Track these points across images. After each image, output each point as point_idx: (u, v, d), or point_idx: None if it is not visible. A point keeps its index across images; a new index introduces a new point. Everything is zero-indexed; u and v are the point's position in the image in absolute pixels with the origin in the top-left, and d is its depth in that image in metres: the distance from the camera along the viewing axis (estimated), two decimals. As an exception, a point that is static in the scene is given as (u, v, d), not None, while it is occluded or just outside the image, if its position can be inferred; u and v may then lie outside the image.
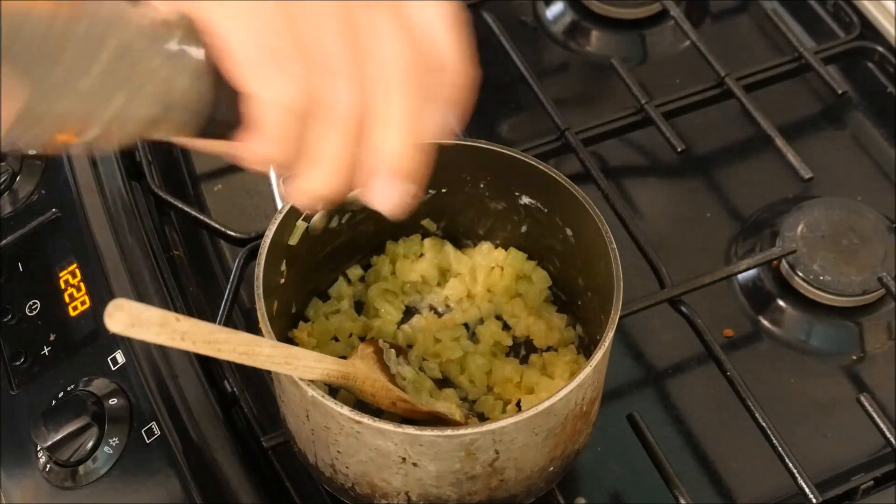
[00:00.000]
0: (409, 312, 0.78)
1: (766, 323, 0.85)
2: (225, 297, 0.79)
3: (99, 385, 0.73)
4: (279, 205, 0.68)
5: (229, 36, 0.50)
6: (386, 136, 0.52)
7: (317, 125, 0.51)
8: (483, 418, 0.73)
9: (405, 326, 0.76)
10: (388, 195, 0.53)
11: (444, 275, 0.78)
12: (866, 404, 0.76)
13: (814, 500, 0.71)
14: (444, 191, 0.75)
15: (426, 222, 0.78)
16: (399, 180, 0.53)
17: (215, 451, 0.71)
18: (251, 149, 0.52)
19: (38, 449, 0.71)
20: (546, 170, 0.70)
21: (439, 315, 0.77)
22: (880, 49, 0.98)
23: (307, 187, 0.53)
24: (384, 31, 0.52)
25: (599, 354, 0.61)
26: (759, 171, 0.94)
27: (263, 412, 0.75)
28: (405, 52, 0.52)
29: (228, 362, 0.66)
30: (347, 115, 0.51)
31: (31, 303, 0.78)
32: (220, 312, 0.77)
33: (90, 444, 0.70)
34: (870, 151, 0.96)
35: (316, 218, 0.69)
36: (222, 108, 0.51)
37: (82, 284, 0.77)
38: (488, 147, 0.71)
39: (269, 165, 0.54)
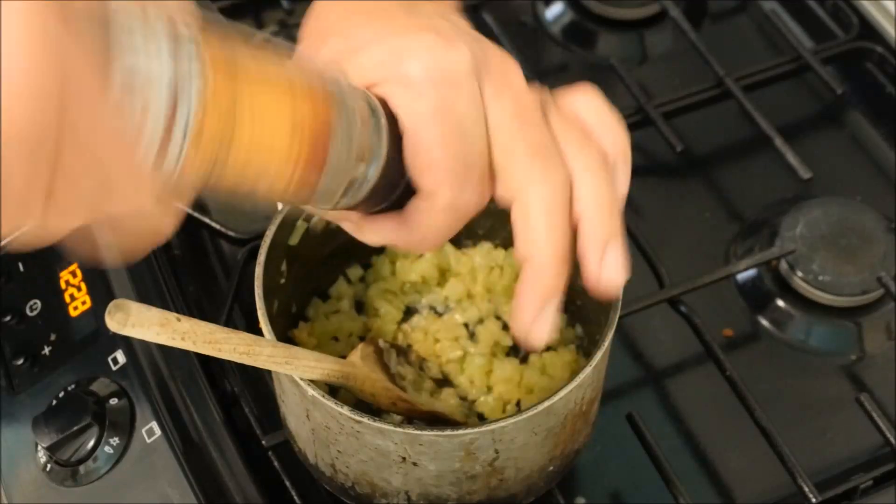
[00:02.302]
0: (409, 312, 0.78)
1: (765, 323, 0.85)
2: (227, 297, 0.79)
3: (99, 385, 0.73)
4: (279, 205, 0.68)
5: (425, 137, 0.51)
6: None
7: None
8: (483, 418, 0.73)
9: (405, 326, 0.77)
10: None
11: (443, 275, 0.78)
12: (866, 404, 0.76)
13: (813, 500, 0.71)
14: (443, 191, 0.75)
15: (426, 222, 0.78)
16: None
17: (215, 451, 0.71)
18: (394, 234, 0.55)
19: (39, 448, 0.71)
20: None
21: (439, 315, 0.78)
22: (879, 49, 0.98)
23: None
24: (569, 140, 0.55)
25: (599, 354, 0.61)
26: (759, 171, 0.94)
27: (263, 412, 0.75)
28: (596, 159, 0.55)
29: (228, 362, 0.66)
30: None
31: (31, 303, 0.78)
32: (223, 313, 0.78)
33: (91, 444, 0.70)
34: (869, 151, 0.96)
35: (316, 218, 0.69)
36: (376, 188, 0.52)
37: (83, 284, 0.77)
38: (488, 147, 0.71)
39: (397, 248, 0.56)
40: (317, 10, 0.57)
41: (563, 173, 0.54)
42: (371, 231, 0.56)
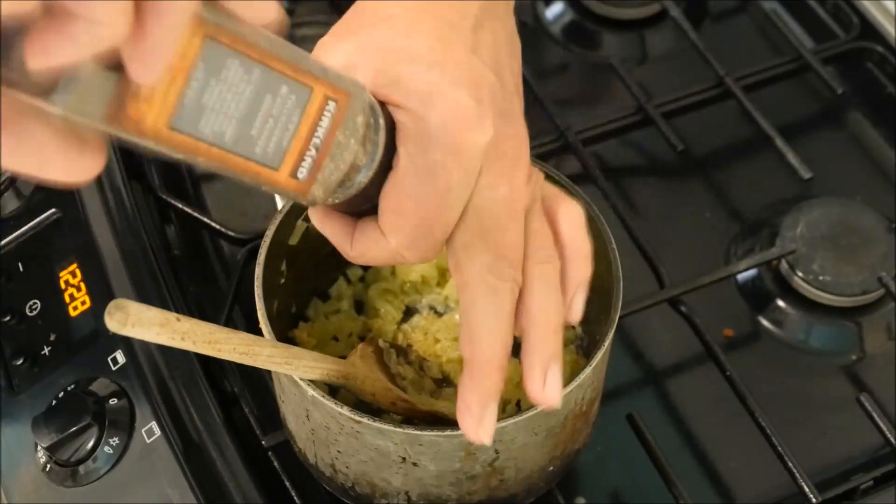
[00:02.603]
0: (409, 312, 0.78)
1: (765, 323, 0.85)
2: (227, 297, 0.79)
3: (99, 385, 0.73)
4: (279, 205, 0.68)
5: (411, 186, 0.52)
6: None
7: None
8: (483, 418, 0.73)
9: (405, 326, 0.77)
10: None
11: (443, 275, 0.78)
12: (866, 404, 0.76)
13: (813, 500, 0.71)
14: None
15: (426, 222, 0.78)
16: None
17: (215, 451, 0.71)
18: (338, 238, 0.56)
19: (39, 448, 0.71)
20: (546, 170, 0.70)
21: (439, 315, 0.78)
22: (880, 49, 0.98)
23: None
24: (537, 248, 0.56)
25: (599, 354, 0.61)
26: (759, 171, 0.94)
27: (263, 412, 0.75)
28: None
29: (228, 362, 0.66)
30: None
31: (31, 303, 0.78)
32: (223, 313, 0.78)
33: (90, 444, 0.70)
34: (869, 151, 0.96)
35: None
36: (370, 185, 0.52)
37: (82, 284, 0.77)
38: (488, 147, 0.71)
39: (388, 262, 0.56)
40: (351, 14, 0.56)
41: (514, 285, 0.55)
42: (328, 224, 0.56)
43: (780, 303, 0.85)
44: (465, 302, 0.55)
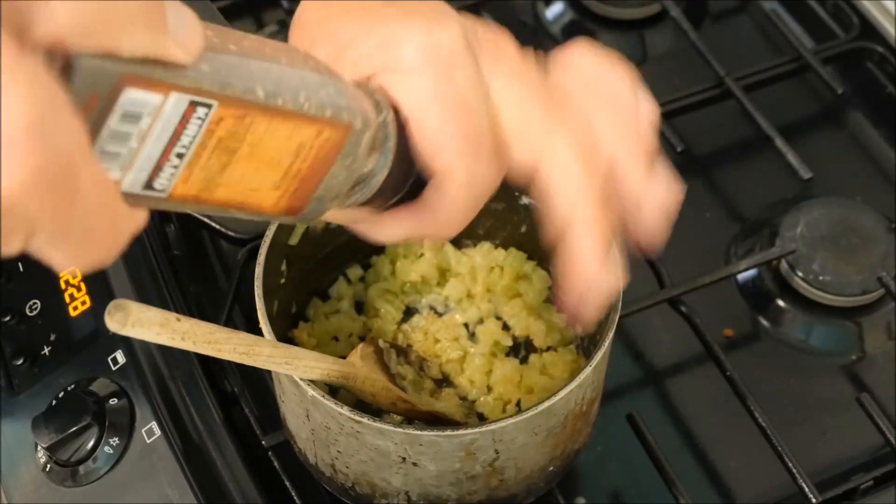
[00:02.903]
0: (409, 312, 0.78)
1: (765, 323, 0.85)
2: (227, 297, 0.79)
3: (99, 385, 0.73)
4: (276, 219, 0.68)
5: (430, 118, 0.50)
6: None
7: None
8: (483, 418, 0.73)
9: (405, 326, 0.77)
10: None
11: (443, 275, 0.78)
12: (866, 404, 0.76)
13: (813, 500, 0.71)
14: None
15: (426, 222, 0.78)
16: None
17: (215, 451, 0.71)
18: (414, 225, 0.53)
19: (39, 448, 0.71)
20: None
21: (439, 315, 0.78)
22: (880, 49, 0.98)
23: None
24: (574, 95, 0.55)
25: (599, 354, 0.61)
26: (759, 171, 0.94)
27: (263, 412, 0.75)
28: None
29: (228, 362, 0.66)
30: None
31: (31, 303, 0.78)
32: (223, 313, 0.78)
33: (90, 444, 0.70)
34: (869, 151, 0.96)
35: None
36: (386, 182, 0.51)
37: (82, 284, 0.77)
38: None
39: (421, 239, 0.55)
40: (299, 20, 0.56)
41: (580, 123, 0.53)
42: (390, 226, 0.54)
43: (780, 303, 0.85)
44: (546, 167, 0.53)
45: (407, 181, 0.52)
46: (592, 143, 0.54)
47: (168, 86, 0.39)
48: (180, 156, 0.42)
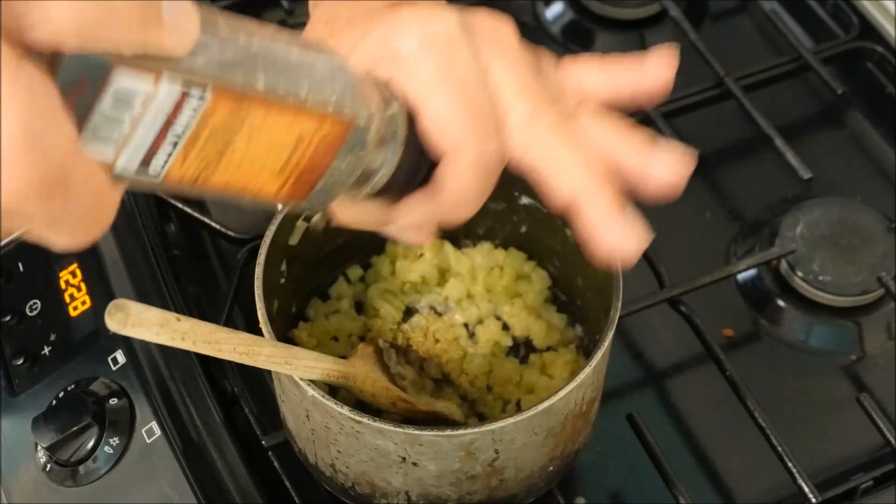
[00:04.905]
0: (409, 312, 0.78)
1: (765, 323, 0.85)
2: (227, 297, 0.79)
3: (99, 385, 0.73)
4: (279, 205, 0.68)
5: (435, 101, 0.52)
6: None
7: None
8: (483, 418, 0.73)
9: (405, 326, 0.77)
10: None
11: (443, 275, 0.78)
12: (866, 404, 0.76)
13: (813, 500, 0.71)
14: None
15: (426, 222, 0.78)
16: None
17: (215, 451, 0.71)
18: (428, 208, 0.54)
19: (39, 448, 0.71)
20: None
21: (439, 315, 0.78)
22: (880, 49, 0.98)
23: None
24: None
25: (599, 354, 0.61)
26: (759, 171, 0.94)
27: (263, 412, 0.75)
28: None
29: (228, 362, 0.66)
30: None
31: (31, 303, 0.78)
32: (223, 313, 0.78)
33: (90, 444, 0.70)
34: (869, 151, 0.96)
35: (316, 218, 0.69)
36: (398, 173, 0.52)
37: (83, 284, 0.77)
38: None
39: (427, 230, 0.56)
40: (306, 35, 0.57)
41: (561, 116, 0.54)
42: (405, 214, 0.55)
43: (780, 303, 0.85)
44: (537, 159, 0.54)
45: (419, 173, 0.53)
46: (587, 135, 0.55)
47: (159, 72, 0.39)
48: (174, 143, 0.42)
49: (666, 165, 0.55)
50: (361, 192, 0.52)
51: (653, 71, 0.57)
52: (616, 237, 0.54)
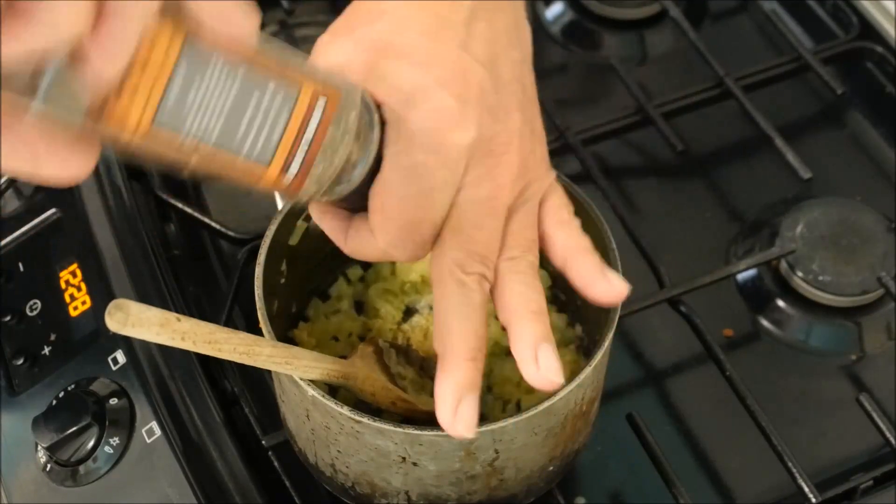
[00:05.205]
0: (409, 312, 0.78)
1: (765, 323, 0.85)
2: (227, 297, 0.79)
3: (99, 385, 0.73)
4: (279, 205, 0.68)
5: (395, 184, 0.52)
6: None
7: None
8: (483, 418, 0.72)
9: (405, 326, 0.76)
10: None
11: (443, 275, 0.78)
12: (866, 404, 0.76)
13: (813, 500, 0.71)
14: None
15: (426, 222, 0.78)
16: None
17: (215, 451, 0.71)
18: (337, 234, 0.57)
19: (39, 448, 0.71)
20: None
21: (439, 315, 0.77)
22: (880, 49, 0.98)
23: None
24: (518, 243, 0.57)
25: (599, 354, 0.61)
26: (759, 171, 0.94)
27: (263, 412, 0.75)
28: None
29: (228, 362, 0.66)
30: None
31: (31, 303, 0.78)
32: (223, 313, 0.78)
33: (90, 444, 0.70)
34: (869, 151, 0.96)
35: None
36: (368, 179, 0.52)
37: (83, 284, 0.77)
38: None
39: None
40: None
41: (483, 279, 0.55)
42: (325, 219, 0.57)
43: (780, 303, 0.85)
44: (437, 297, 0.55)
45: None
46: (483, 304, 0.56)
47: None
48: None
49: (548, 373, 0.56)
50: (336, 192, 0.52)
51: (602, 289, 0.58)
52: (447, 412, 0.55)
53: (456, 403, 0.55)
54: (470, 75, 0.53)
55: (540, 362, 0.55)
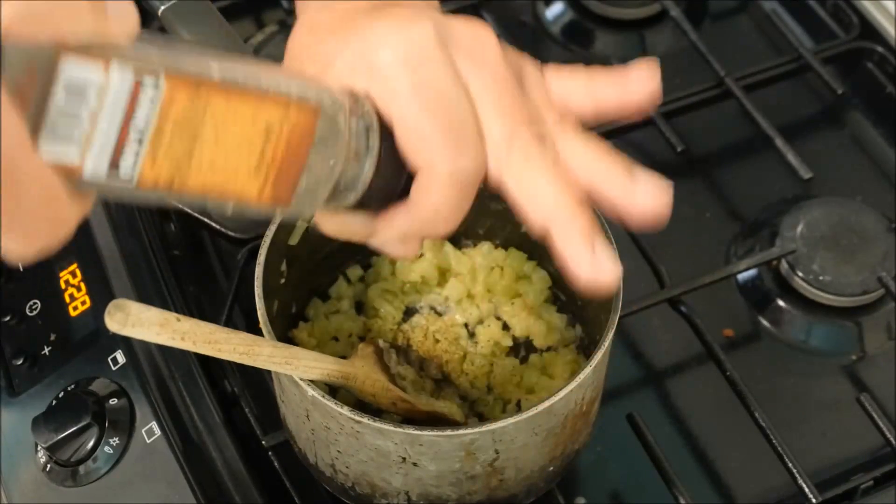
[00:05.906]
0: (409, 312, 0.78)
1: (765, 323, 0.85)
2: (227, 297, 0.79)
3: (99, 385, 0.73)
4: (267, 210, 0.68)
5: (409, 116, 0.51)
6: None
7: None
8: (483, 418, 0.73)
9: (405, 326, 0.77)
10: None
11: (443, 275, 0.78)
12: (866, 404, 0.76)
13: (813, 500, 0.71)
14: (443, 191, 0.75)
15: (426, 222, 0.78)
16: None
17: (215, 451, 0.71)
18: (406, 222, 0.54)
19: (39, 448, 0.71)
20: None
21: (439, 315, 0.77)
22: (880, 49, 0.98)
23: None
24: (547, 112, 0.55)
25: (599, 354, 0.61)
26: (759, 171, 0.94)
27: (263, 412, 0.75)
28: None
29: (228, 362, 0.66)
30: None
31: (31, 303, 0.78)
32: (223, 313, 0.78)
33: (90, 444, 0.70)
34: (869, 151, 0.96)
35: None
36: (376, 184, 0.52)
37: (83, 284, 0.77)
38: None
39: (412, 244, 0.56)
40: (290, 48, 0.56)
41: (549, 137, 0.54)
42: (385, 228, 0.55)
43: (780, 303, 0.85)
44: (517, 174, 0.53)
45: (398, 186, 0.53)
46: (558, 157, 0.54)
47: (108, 59, 0.39)
48: (139, 140, 0.41)
49: (648, 195, 0.55)
50: (342, 203, 0.52)
51: (636, 84, 0.57)
52: (587, 271, 0.53)
53: (591, 248, 0.53)
54: (395, 12, 0.53)
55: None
